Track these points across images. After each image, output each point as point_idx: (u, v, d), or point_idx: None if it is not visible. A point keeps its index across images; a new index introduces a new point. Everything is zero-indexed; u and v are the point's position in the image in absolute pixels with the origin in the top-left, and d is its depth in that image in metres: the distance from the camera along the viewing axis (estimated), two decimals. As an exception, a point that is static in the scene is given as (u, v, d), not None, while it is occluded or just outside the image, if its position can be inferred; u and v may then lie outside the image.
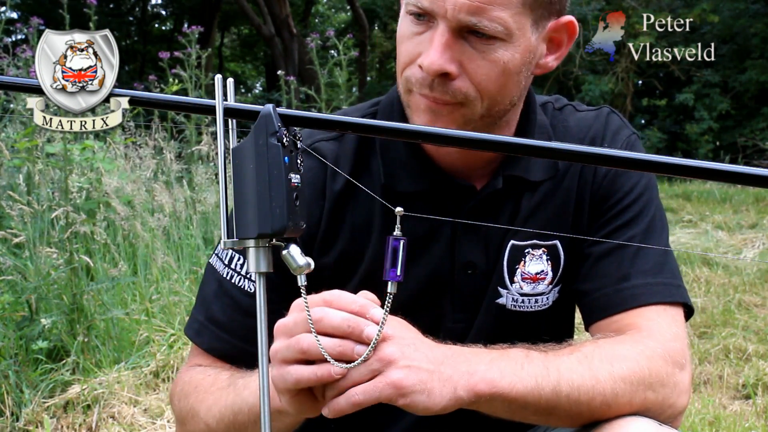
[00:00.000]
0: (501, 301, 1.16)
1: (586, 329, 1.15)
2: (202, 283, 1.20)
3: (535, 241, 1.15)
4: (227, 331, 1.14)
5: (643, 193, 1.15)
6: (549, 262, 1.15)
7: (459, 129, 1.01)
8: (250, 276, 1.12)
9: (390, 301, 0.83)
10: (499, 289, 1.15)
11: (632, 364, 0.98)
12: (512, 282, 1.15)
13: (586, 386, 0.95)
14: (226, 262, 1.15)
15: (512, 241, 1.15)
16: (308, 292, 0.85)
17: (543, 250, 1.15)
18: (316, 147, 1.15)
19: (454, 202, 1.14)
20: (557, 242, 1.16)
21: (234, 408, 1.04)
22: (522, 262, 1.15)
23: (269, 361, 0.85)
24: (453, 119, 1.05)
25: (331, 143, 1.16)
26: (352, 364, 0.87)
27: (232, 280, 1.14)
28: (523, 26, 1.03)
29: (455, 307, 1.16)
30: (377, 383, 0.87)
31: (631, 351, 1.00)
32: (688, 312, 1.13)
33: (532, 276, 1.15)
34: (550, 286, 1.16)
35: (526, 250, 1.15)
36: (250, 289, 1.12)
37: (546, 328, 1.18)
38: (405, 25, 1.06)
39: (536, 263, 1.15)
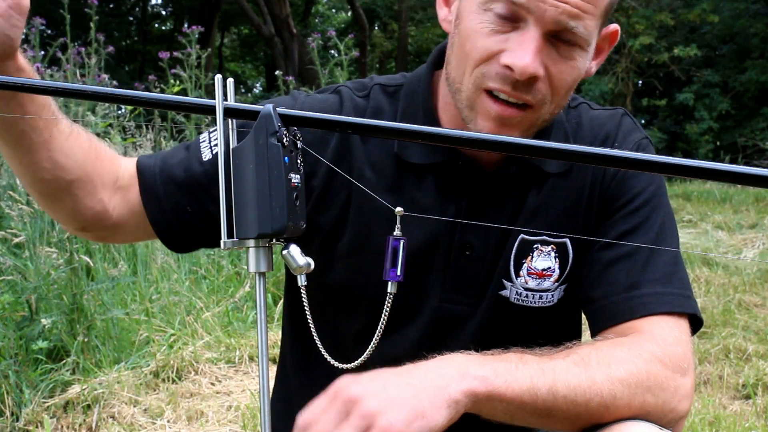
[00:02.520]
0: (504, 293, 1.15)
1: (592, 337, 1.13)
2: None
3: (544, 237, 1.14)
4: (165, 167, 1.15)
5: (651, 199, 1.14)
6: (557, 260, 1.14)
7: (521, 137, 0.99)
8: (212, 147, 1.13)
9: (390, 301, 0.83)
10: (504, 281, 1.15)
11: (630, 367, 0.97)
12: (518, 276, 1.14)
13: (582, 387, 0.94)
14: (201, 139, 1.16)
15: (522, 236, 1.14)
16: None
17: (552, 247, 1.14)
18: (347, 96, 1.18)
19: (464, 180, 1.14)
20: (567, 240, 1.14)
21: None
22: (530, 257, 1.14)
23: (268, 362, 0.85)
24: (521, 127, 1.05)
25: (358, 99, 1.18)
26: (352, 364, 0.88)
27: (201, 142, 1.15)
28: (595, 36, 1.06)
29: (446, 286, 1.15)
30: None
31: (629, 354, 0.99)
32: (698, 323, 1.11)
33: (538, 272, 1.14)
34: (556, 284, 1.15)
35: (535, 246, 1.14)
36: (204, 157, 1.13)
37: (550, 327, 1.17)
38: (482, 19, 1.03)
39: (544, 259, 1.14)
